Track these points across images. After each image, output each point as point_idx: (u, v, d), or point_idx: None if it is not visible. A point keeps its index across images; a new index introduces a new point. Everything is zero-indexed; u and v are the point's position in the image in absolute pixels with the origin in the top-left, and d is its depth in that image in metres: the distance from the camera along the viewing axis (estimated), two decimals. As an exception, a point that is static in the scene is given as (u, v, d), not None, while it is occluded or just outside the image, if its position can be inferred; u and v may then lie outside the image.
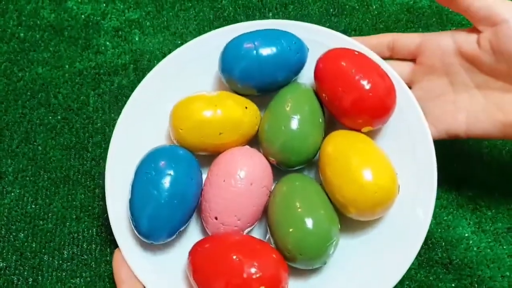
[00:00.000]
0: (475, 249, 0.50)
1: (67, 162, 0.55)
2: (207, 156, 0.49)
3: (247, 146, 0.49)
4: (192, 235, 0.49)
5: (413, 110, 0.48)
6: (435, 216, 0.51)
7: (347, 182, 0.43)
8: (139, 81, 0.54)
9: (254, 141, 0.50)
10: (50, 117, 0.57)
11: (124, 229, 0.46)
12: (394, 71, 0.49)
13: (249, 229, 0.46)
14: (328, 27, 0.52)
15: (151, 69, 0.56)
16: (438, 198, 0.52)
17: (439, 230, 0.51)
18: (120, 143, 0.49)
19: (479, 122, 0.46)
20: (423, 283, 0.49)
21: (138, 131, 0.50)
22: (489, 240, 0.50)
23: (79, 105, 0.58)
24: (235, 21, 0.62)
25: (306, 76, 0.51)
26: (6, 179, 0.54)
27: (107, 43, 0.61)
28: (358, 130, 0.47)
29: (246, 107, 0.49)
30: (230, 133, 0.48)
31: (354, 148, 0.45)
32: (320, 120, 0.48)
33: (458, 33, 0.48)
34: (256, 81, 0.49)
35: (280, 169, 0.48)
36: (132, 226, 0.45)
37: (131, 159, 0.47)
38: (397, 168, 0.45)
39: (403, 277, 0.47)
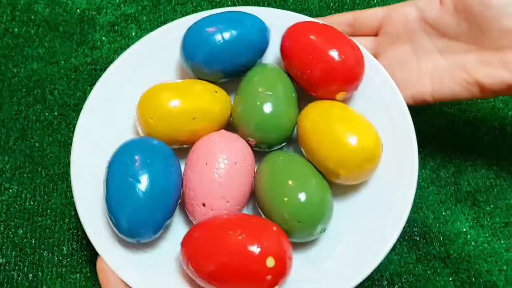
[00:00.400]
0: (472, 243, 0.50)
1: (64, 158, 0.54)
2: (180, 151, 0.47)
3: (223, 130, 0.48)
4: (177, 230, 0.46)
5: (380, 74, 0.49)
6: (433, 211, 0.51)
7: (333, 147, 0.44)
8: None
9: (227, 129, 0.49)
10: (47, 114, 0.56)
11: (102, 232, 0.44)
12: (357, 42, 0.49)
13: (237, 213, 0.45)
14: (327, 21, 0.52)
15: None
16: (436, 193, 0.52)
17: (437, 224, 0.51)
18: (83, 144, 0.48)
19: (444, 84, 0.48)
20: (421, 277, 0.49)
21: (101, 130, 0.49)
22: (487, 234, 0.50)
23: (75, 101, 0.57)
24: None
25: (269, 59, 0.52)
26: (4, 176, 0.53)
27: (103, 38, 0.60)
28: (332, 100, 0.48)
29: (216, 91, 0.48)
30: (201, 119, 0.46)
31: (333, 115, 0.45)
32: (294, 94, 0.48)
33: (420, 1, 0.50)
34: (222, 64, 0.48)
35: (259, 152, 0.48)
36: (112, 226, 0.42)
37: (98, 159, 0.46)
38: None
39: (402, 271, 0.48)
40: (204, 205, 0.43)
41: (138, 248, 0.44)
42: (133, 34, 0.61)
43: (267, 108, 0.46)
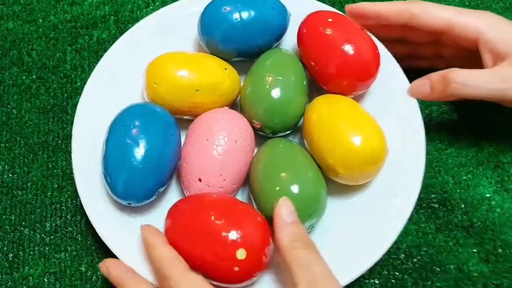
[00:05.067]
0: (497, 210, 0.49)
1: (44, 126, 0.53)
2: (182, 122, 0.48)
3: (226, 107, 0.48)
4: (170, 203, 0.46)
5: (395, 72, 0.50)
6: (453, 175, 0.50)
7: (337, 143, 0.43)
8: (121, 34, 0.54)
9: (233, 108, 0.49)
10: (24, 77, 0.55)
11: (94, 194, 0.45)
12: (374, 36, 0.49)
13: (233, 193, 0.46)
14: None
15: (134, 20, 0.57)
16: (456, 155, 0.52)
17: (458, 190, 0.50)
18: (90, 102, 0.49)
19: None
20: (441, 249, 0.47)
21: (110, 90, 0.50)
22: (513, 200, 0.50)
23: (55, 62, 0.56)
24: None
25: (287, 45, 0.52)
26: (-21, 147, 0.52)
27: None
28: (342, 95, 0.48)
29: (225, 68, 0.48)
30: (207, 92, 0.47)
31: (341, 111, 0.45)
32: (304, 82, 0.48)
33: None
34: (237, 43, 0.49)
35: (262, 136, 0.48)
36: (106, 186, 0.44)
37: (102, 121, 0.47)
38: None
39: (420, 242, 0.48)
40: (200, 180, 0.44)
41: (127, 213, 0.45)
42: (116, -14, 0.59)
43: (276, 93, 0.46)
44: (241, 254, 0.38)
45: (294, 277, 0.36)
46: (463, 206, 0.49)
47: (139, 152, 0.42)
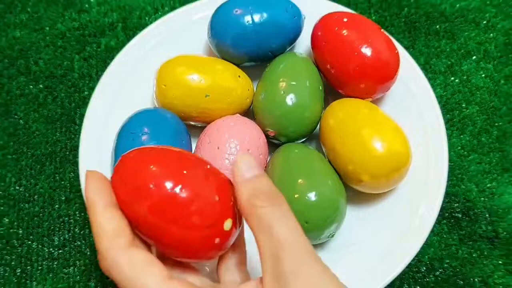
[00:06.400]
0: None
1: (52, 136, 0.52)
2: (193, 129, 0.48)
3: (238, 114, 0.48)
4: None
5: (416, 76, 0.49)
6: (476, 183, 0.50)
7: (359, 149, 0.43)
8: (129, 41, 0.53)
9: (245, 115, 0.49)
10: (31, 87, 0.55)
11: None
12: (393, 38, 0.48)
13: None
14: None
15: (142, 27, 0.57)
16: (479, 162, 0.51)
17: (482, 199, 0.49)
18: (97, 111, 0.49)
19: None
20: (465, 261, 0.47)
21: (118, 98, 0.50)
22: (542, 208, 0.49)
23: (63, 71, 0.56)
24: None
25: (301, 49, 0.52)
26: (-15, 158, 0.52)
27: (91, 0, 0.59)
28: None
29: (239, 76, 0.48)
30: (217, 98, 0.47)
31: (361, 115, 0.45)
32: (320, 87, 0.48)
33: None
34: (249, 48, 0.48)
35: (275, 144, 0.48)
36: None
37: (110, 130, 0.47)
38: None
39: (443, 254, 0.47)
40: None
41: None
42: (124, -7, 0.59)
43: (290, 99, 0.45)
44: (227, 224, 0.31)
45: (257, 245, 0.30)
46: (487, 215, 0.48)
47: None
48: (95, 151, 0.47)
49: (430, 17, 0.57)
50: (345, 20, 0.47)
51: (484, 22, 0.56)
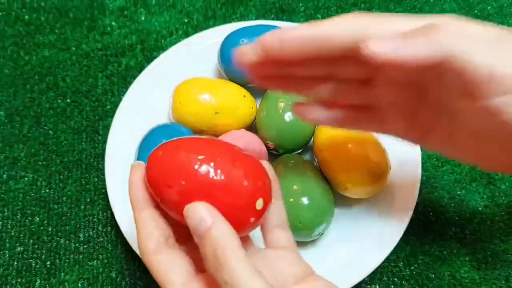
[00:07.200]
0: (488, 223, 0.50)
1: (78, 145, 0.54)
2: None
3: (243, 129, 0.50)
4: None
5: None
6: (448, 191, 0.51)
7: (345, 162, 0.46)
8: (147, 61, 0.55)
9: (249, 129, 0.51)
10: (60, 101, 0.57)
11: (125, 208, 0.41)
12: None
13: None
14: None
15: (158, 49, 0.57)
16: (451, 172, 0.52)
17: (453, 204, 0.51)
18: (121, 124, 0.52)
19: None
20: (437, 258, 0.49)
21: (139, 113, 0.53)
22: (503, 213, 0.50)
23: (87, 87, 0.57)
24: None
25: None
26: (19, 164, 0.53)
27: (113, 23, 0.61)
28: None
29: (244, 96, 0.51)
30: (225, 115, 0.50)
31: (347, 132, 0.47)
32: None
33: None
34: None
35: (274, 154, 0.50)
36: None
37: (131, 142, 0.49)
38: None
39: (417, 252, 0.48)
40: None
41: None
42: (143, 18, 0.60)
43: (288, 116, 0.48)
44: (259, 204, 0.32)
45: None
46: (457, 219, 0.50)
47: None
48: (119, 160, 0.50)
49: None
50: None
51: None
